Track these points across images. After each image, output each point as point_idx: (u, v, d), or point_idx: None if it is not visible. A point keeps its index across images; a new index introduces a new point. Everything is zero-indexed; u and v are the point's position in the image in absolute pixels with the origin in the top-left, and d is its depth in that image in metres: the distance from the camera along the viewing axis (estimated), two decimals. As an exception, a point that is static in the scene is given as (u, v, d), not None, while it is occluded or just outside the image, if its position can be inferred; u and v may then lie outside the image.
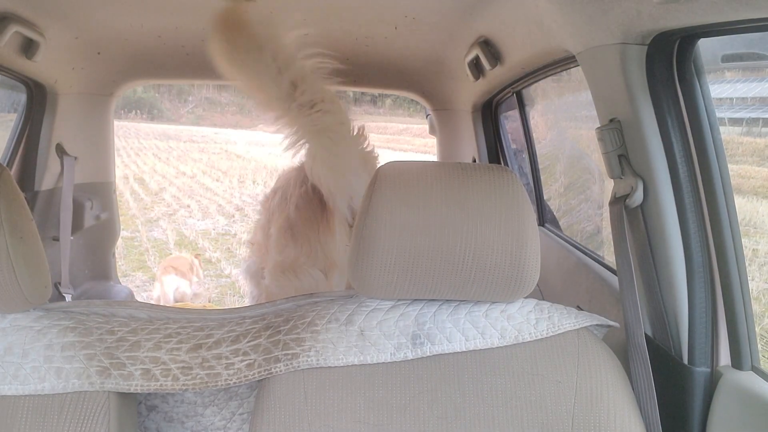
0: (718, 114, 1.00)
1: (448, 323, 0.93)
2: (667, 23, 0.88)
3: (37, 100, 1.87)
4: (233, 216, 8.90)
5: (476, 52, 1.62)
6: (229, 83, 2.40)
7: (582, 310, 1.02)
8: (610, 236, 1.08)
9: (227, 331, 0.95)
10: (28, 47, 1.53)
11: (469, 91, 2.03)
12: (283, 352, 0.91)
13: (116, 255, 2.60)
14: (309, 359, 0.90)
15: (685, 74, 0.98)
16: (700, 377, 0.98)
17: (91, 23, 1.63)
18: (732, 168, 1.00)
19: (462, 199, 0.88)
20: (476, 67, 1.74)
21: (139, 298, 3.96)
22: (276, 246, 1.57)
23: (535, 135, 2.03)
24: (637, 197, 1.03)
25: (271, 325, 0.96)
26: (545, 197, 2.07)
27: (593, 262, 1.50)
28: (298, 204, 1.56)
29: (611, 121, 1.07)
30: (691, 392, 0.98)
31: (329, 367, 0.90)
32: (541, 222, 2.00)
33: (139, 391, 0.90)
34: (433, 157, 2.86)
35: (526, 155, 2.07)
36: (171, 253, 6.55)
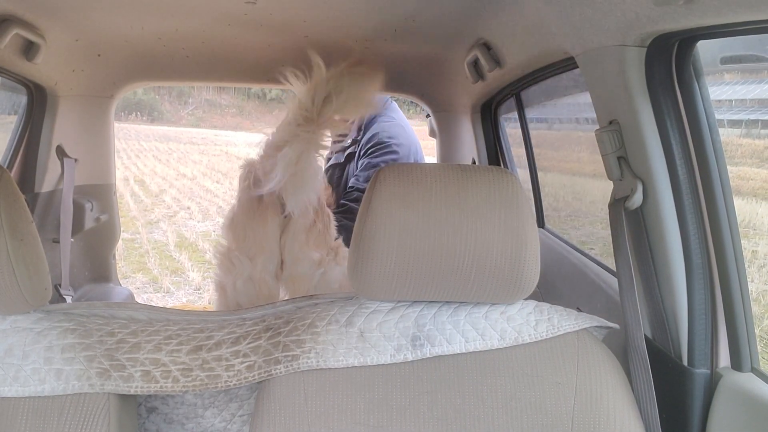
0: (717, 116, 1.00)
1: (448, 325, 0.94)
2: (666, 25, 0.88)
3: (38, 102, 1.87)
4: (233, 218, 8.88)
5: (476, 54, 1.62)
6: (228, 85, 2.41)
7: (582, 311, 1.02)
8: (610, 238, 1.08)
9: (227, 333, 0.95)
10: (29, 49, 1.53)
11: (469, 93, 2.03)
12: (283, 354, 0.91)
13: (116, 257, 2.60)
14: (309, 361, 0.90)
15: (684, 76, 0.99)
16: (700, 379, 0.98)
17: (92, 25, 1.63)
18: (731, 170, 1.00)
19: (462, 200, 0.88)
20: (476, 69, 1.74)
21: (139, 300, 3.96)
22: (223, 232, 1.76)
23: (533, 135, 2.03)
24: (637, 199, 1.03)
25: (271, 326, 0.96)
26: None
27: (593, 263, 1.50)
28: (241, 197, 1.71)
29: (610, 123, 1.07)
30: (691, 394, 0.98)
31: (329, 368, 0.90)
32: (541, 224, 2.00)
33: (139, 393, 0.90)
34: (432, 159, 2.86)
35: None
36: (171, 255, 6.56)
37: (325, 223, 1.73)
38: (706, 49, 0.99)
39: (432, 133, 2.54)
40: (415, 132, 2.40)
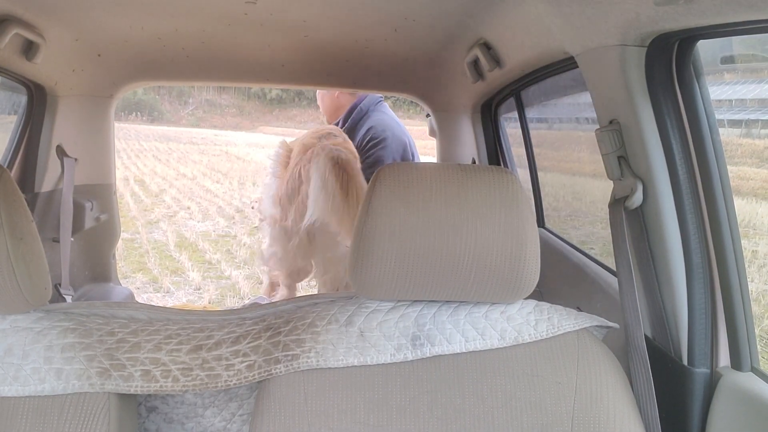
0: (717, 116, 1.00)
1: (448, 324, 0.94)
2: (666, 25, 0.88)
3: (38, 101, 1.87)
4: (233, 218, 8.91)
5: (476, 53, 1.62)
6: (228, 85, 2.47)
7: (582, 311, 1.02)
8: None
9: (227, 333, 0.95)
10: (29, 49, 1.53)
11: (469, 93, 2.03)
12: (283, 353, 0.91)
13: (116, 256, 2.60)
14: (309, 360, 0.90)
15: (684, 76, 0.99)
16: (700, 378, 0.98)
17: (92, 25, 1.63)
18: (731, 170, 1.00)
19: (462, 200, 0.88)
20: (476, 69, 1.74)
21: (139, 300, 3.96)
22: (267, 204, 2.05)
23: (533, 135, 2.03)
24: (637, 199, 1.03)
25: (271, 326, 0.96)
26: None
27: (593, 263, 1.50)
28: (302, 173, 1.96)
29: (611, 122, 1.07)
30: (691, 393, 0.98)
31: (329, 368, 0.90)
32: (541, 223, 2.00)
33: (139, 393, 0.90)
34: (433, 159, 2.86)
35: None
36: (171, 255, 6.56)
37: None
38: (706, 49, 0.99)
39: (432, 133, 2.54)
40: (408, 131, 2.45)
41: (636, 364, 0.98)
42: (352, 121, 2.36)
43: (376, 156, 2.24)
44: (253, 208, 7.76)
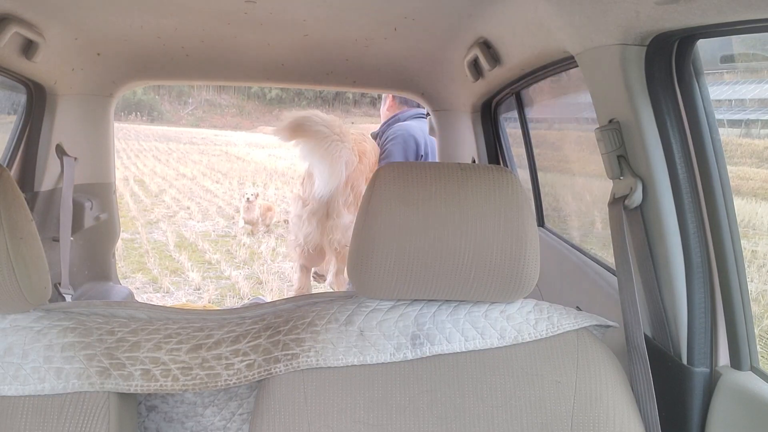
0: (717, 116, 1.00)
1: (448, 323, 0.94)
2: (666, 24, 0.88)
3: (37, 100, 1.87)
4: (233, 218, 8.91)
5: (476, 52, 1.62)
6: (228, 84, 2.55)
7: (581, 310, 1.02)
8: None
9: (227, 332, 0.95)
10: (28, 48, 1.53)
11: (469, 92, 2.03)
12: (283, 353, 0.91)
13: (116, 256, 2.60)
14: (309, 359, 0.90)
15: (684, 75, 0.99)
16: (700, 377, 0.98)
17: (91, 24, 1.63)
18: (731, 169, 1.00)
19: (461, 199, 0.88)
20: (475, 68, 1.74)
21: (139, 299, 3.96)
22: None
23: (533, 135, 2.03)
24: (636, 198, 1.03)
25: (270, 325, 0.96)
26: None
27: (592, 262, 1.50)
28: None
29: (610, 121, 1.07)
30: (691, 392, 0.98)
31: (329, 367, 0.90)
32: (541, 222, 2.00)
33: (139, 392, 0.90)
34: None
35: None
36: (171, 255, 6.56)
37: (356, 196, 2.54)
38: (706, 49, 0.99)
39: (432, 132, 2.55)
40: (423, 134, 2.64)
41: (636, 363, 0.98)
42: (385, 125, 2.82)
43: (388, 150, 2.63)
44: (249, 201, 7.88)
